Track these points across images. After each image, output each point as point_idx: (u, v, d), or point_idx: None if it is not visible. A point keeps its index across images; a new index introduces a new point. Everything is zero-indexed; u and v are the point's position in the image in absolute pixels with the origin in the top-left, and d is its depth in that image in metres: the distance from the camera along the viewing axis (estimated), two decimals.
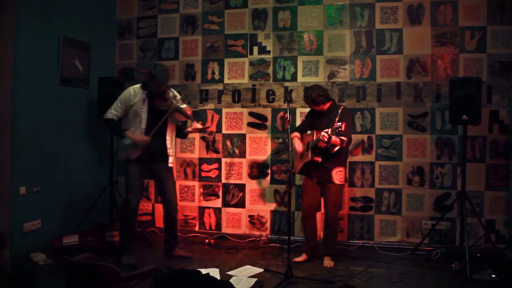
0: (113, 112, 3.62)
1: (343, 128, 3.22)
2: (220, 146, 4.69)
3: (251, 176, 4.61)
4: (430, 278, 3.37)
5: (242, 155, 4.64)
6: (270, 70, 4.59)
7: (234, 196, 4.66)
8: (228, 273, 3.45)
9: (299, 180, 4.30)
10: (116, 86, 4.38)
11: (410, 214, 4.24)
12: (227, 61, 4.70)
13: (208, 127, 4.65)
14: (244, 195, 4.63)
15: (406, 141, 4.27)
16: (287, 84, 4.54)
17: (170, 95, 3.68)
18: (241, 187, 4.64)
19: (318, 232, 3.91)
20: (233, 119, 4.67)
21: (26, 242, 3.77)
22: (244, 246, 4.27)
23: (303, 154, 3.76)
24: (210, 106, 4.72)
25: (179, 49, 4.84)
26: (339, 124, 3.22)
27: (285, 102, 4.43)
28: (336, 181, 3.64)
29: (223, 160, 4.69)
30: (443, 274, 3.44)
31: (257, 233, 4.55)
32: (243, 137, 4.64)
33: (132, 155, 3.62)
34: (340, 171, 3.65)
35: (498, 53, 4.09)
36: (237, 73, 4.67)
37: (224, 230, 4.66)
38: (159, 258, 3.80)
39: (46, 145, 4.04)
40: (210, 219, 4.72)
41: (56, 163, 4.17)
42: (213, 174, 4.72)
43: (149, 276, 2.37)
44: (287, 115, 3.55)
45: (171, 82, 4.78)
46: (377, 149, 4.32)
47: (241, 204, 4.63)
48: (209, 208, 4.72)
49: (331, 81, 4.42)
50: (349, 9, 4.39)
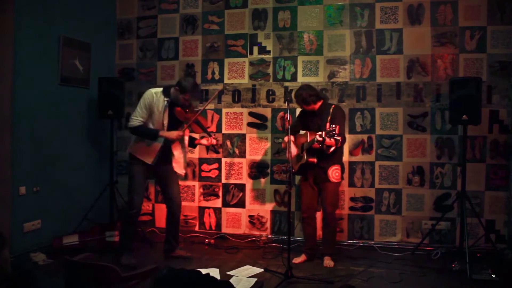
0: (139, 119, 3.50)
1: (337, 131, 3.20)
2: None
3: (251, 176, 4.61)
4: (430, 278, 3.37)
5: (242, 155, 4.64)
6: (270, 70, 4.59)
7: (234, 196, 4.66)
8: (228, 273, 3.45)
9: (298, 180, 4.30)
10: (116, 86, 4.38)
11: (410, 214, 4.24)
12: (227, 61, 4.70)
13: (221, 145, 4.61)
14: (244, 195, 4.63)
15: (406, 141, 4.27)
16: (287, 84, 4.54)
17: (192, 107, 3.59)
18: (241, 187, 4.64)
19: (318, 232, 3.90)
20: (233, 119, 4.67)
21: (26, 242, 3.77)
22: (244, 246, 4.27)
23: (298, 156, 3.77)
24: (210, 106, 4.72)
25: (179, 49, 4.84)
26: (332, 126, 3.20)
27: (285, 102, 4.44)
28: (333, 179, 3.64)
29: (223, 160, 4.69)
30: (443, 274, 3.44)
31: (257, 233, 4.55)
32: (243, 137, 4.64)
33: (146, 158, 3.58)
34: (336, 169, 3.66)
35: (498, 53, 4.09)
36: (237, 73, 4.67)
37: (224, 230, 4.66)
38: (159, 258, 3.80)
39: (46, 145, 4.04)
40: (210, 219, 4.72)
41: (56, 163, 4.17)
42: (213, 174, 4.72)
43: (149, 276, 2.37)
44: (287, 115, 3.55)
45: (171, 82, 4.80)
46: (377, 149, 4.32)
47: (241, 204, 4.63)
48: (209, 208, 4.72)
49: (331, 81, 4.42)
50: (349, 9, 4.39)
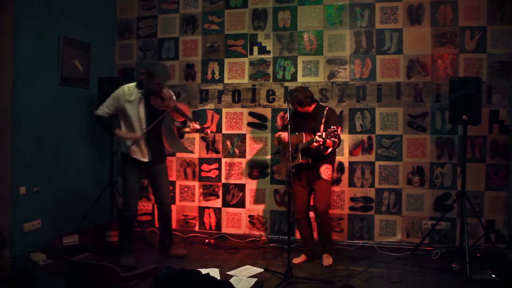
0: (104, 110, 3.61)
1: (339, 132, 3.26)
2: (220, 146, 4.69)
3: (251, 176, 4.61)
4: (430, 278, 3.37)
5: (242, 155, 4.64)
6: (270, 70, 4.58)
7: (234, 196, 4.66)
8: (228, 273, 3.45)
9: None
10: (116, 86, 4.35)
11: (410, 214, 4.24)
12: (227, 61, 4.70)
13: (208, 127, 4.65)
14: (244, 195, 4.63)
15: (406, 141, 4.27)
16: (287, 84, 4.54)
17: (167, 95, 3.64)
18: (241, 187, 4.64)
19: (314, 232, 3.89)
20: (233, 119, 4.66)
21: (26, 242, 3.77)
22: (244, 246, 4.27)
23: (293, 156, 3.71)
24: (210, 106, 4.72)
25: (179, 49, 4.84)
26: (334, 127, 3.23)
27: (285, 102, 4.44)
28: (324, 176, 3.65)
29: (223, 160, 4.69)
30: (443, 274, 3.44)
31: (257, 233, 4.55)
32: (243, 137, 4.64)
33: (140, 156, 3.61)
34: (328, 167, 3.67)
35: (498, 53, 4.08)
36: (237, 73, 4.67)
37: (224, 230, 4.66)
38: (159, 258, 3.80)
39: (46, 145, 4.04)
40: (210, 219, 4.72)
41: (56, 163, 4.17)
42: (213, 174, 4.72)
43: (149, 276, 2.37)
44: (287, 115, 3.55)
45: (171, 83, 4.79)
46: (377, 149, 4.32)
47: (241, 204, 4.63)
48: (209, 208, 4.72)
49: (331, 81, 4.42)
50: (349, 9, 4.39)
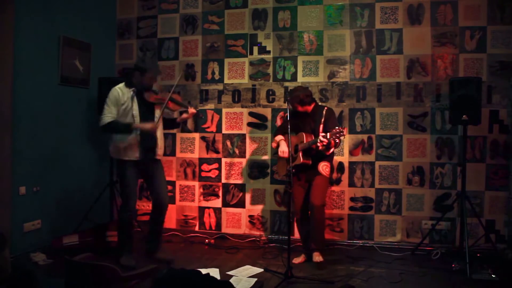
0: (109, 115, 3.47)
1: (345, 133, 3.24)
2: (220, 146, 4.69)
3: (251, 176, 4.61)
4: (430, 278, 3.37)
5: (242, 155, 4.64)
6: (270, 70, 4.58)
7: (234, 196, 4.66)
8: (228, 273, 3.45)
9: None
10: None
11: (410, 214, 4.24)
12: (227, 61, 4.70)
13: (200, 112, 4.50)
14: (244, 195, 4.63)
15: (406, 141, 4.27)
16: (287, 84, 4.54)
17: (158, 88, 3.61)
18: (241, 187, 4.64)
19: None
20: (233, 119, 4.66)
21: (26, 242, 3.77)
22: (244, 246, 4.27)
23: (292, 157, 3.69)
24: (210, 106, 4.72)
25: (179, 49, 4.83)
26: (339, 128, 3.22)
27: (285, 102, 4.44)
28: (322, 172, 3.65)
29: (223, 160, 4.69)
30: (443, 274, 3.44)
31: (257, 233, 4.55)
32: (243, 137, 4.64)
33: (131, 155, 3.51)
34: (326, 164, 3.67)
35: (498, 53, 4.08)
36: (237, 73, 4.67)
37: (224, 230, 4.66)
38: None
39: (46, 145, 4.04)
40: (210, 219, 4.72)
41: (56, 163, 4.17)
42: (213, 174, 4.72)
43: (149, 276, 2.37)
44: (287, 115, 3.55)
45: (171, 83, 4.80)
46: (377, 149, 4.32)
47: (241, 204, 4.63)
48: (209, 208, 4.72)
49: (331, 81, 4.42)
50: (349, 9, 4.39)
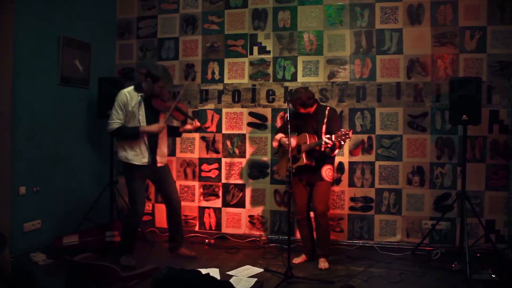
0: (116, 121, 3.47)
1: (350, 135, 3.21)
2: (220, 146, 4.69)
3: (251, 176, 4.61)
4: (430, 278, 3.37)
5: (242, 155, 4.64)
6: (270, 70, 4.59)
7: (234, 196, 4.66)
8: (228, 273, 3.45)
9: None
10: (116, 86, 4.37)
11: (410, 214, 4.24)
12: (227, 61, 4.70)
13: (207, 127, 4.66)
14: (244, 195, 4.63)
15: (406, 141, 4.27)
16: (287, 84, 4.54)
17: (167, 95, 3.63)
18: (241, 187, 4.64)
19: (315, 232, 3.85)
20: (233, 119, 4.67)
21: (26, 242, 3.77)
22: (244, 246, 4.27)
23: (294, 158, 3.67)
24: (210, 106, 4.72)
25: (179, 49, 4.84)
26: (345, 130, 3.20)
27: (285, 102, 4.44)
28: (326, 178, 3.63)
29: (223, 160, 4.69)
30: (443, 274, 3.44)
31: (257, 233, 4.55)
32: (243, 137, 4.64)
33: (140, 160, 3.55)
34: (329, 168, 3.65)
35: (498, 53, 4.09)
36: (237, 73, 4.67)
37: (224, 230, 4.66)
38: (159, 258, 3.79)
39: (46, 145, 4.04)
40: (210, 219, 4.72)
41: (56, 163, 4.17)
42: (213, 174, 4.72)
43: (149, 276, 2.37)
44: (287, 115, 3.55)
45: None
46: (377, 149, 4.32)
47: (241, 204, 4.63)
48: (209, 208, 4.72)
49: (331, 81, 4.42)
50: (349, 9, 4.39)
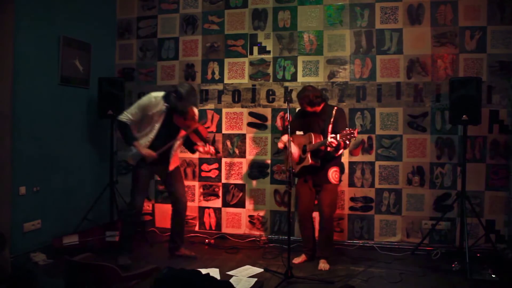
0: (129, 117, 3.47)
1: (355, 134, 3.18)
2: (220, 146, 4.68)
3: (251, 176, 4.61)
4: (430, 278, 3.37)
5: (242, 155, 4.64)
6: (270, 70, 4.58)
7: (234, 196, 4.66)
8: (228, 273, 3.45)
9: (297, 182, 4.28)
10: (116, 86, 4.38)
11: (410, 214, 4.24)
12: (227, 61, 4.70)
13: (219, 154, 4.53)
14: (244, 195, 4.63)
15: (406, 141, 4.27)
16: (287, 84, 4.54)
17: (191, 114, 3.52)
18: (241, 187, 4.64)
19: (316, 233, 3.85)
20: (233, 119, 4.66)
21: (26, 242, 3.77)
22: (244, 246, 4.27)
23: (300, 158, 3.70)
24: (210, 106, 4.72)
25: (179, 49, 4.83)
26: (350, 130, 3.18)
27: (285, 102, 4.43)
28: (332, 181, 3.62)
29: (223, 160, 4.69)
30: (443, 274, 3.44)
31: (257, 233, 4.55)
32: (243, 137, 4.64)
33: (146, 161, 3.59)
34: (335, 170, 3.64)
35: (498, 53, 4.08)
36: (237, 73, 4.67)
37: (224, 230, 4.66)
38: (159, 258, 3.79)
39: (46, 145, 4.04)
40: (210, 219, 4.72)
41: (56, 163, 4.17)
42: (213, 174, 4.72)
43: (149, 276, 2.37)
44: (287, 115, 3.55)
45: (171, 83, 4.80)
46: (377, 149, 4.32)
47: (241, 204, 4.63)
48: (209, 208, 4.72)
49: (331, 81, 4.42)
50: (349, 9, 4.39)
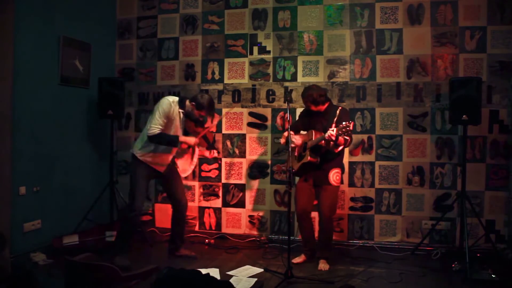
0: (158, 127, 3.50)
1: (351, 127, 3.15)
2: (220, 146, 4.69)
3: (251, 176, 4.61)
4: (430, 278, 3.37)
5: (242, 155, 4.64)
6: (270, 70, 4.59)
7: (234, 196, 4.66)
8: (228, 273, 3.45)
9: (297, 181, 4.29)
10: (116, 86, 4.38)
11: (410, 214, 4.24)
12: (227, 61, 4.70)
13: (218, 159, 4.57)
14: (244, 195, 4.63)
15: (406, 141, 4.27)
16: (287, 84, 4.54)
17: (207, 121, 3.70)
18: (241, 187, 4.64)
19: (315, 233, 3.84)
20: (233, 119, 4.67)
21: (26, 242, 3.77)
22: (244, 246, 4.27)
23: (300, 155, 3.72)
24: None
25: (179, 49, 4.84)
26: (346, 123, 3.15)
27: (285, 102, 4.43)
28: (333, 182, 3.60)
29: (223, 160, 4.69)
30: (443, 274, 3.44)
31: (257, 233, 4.55)
32: (243, 137, 4.64)
33: (159, 168, 3.65)
34: (337, 172, 3.62)
35: (498, 53, 4.08)
36: (237, 73, 4.67)
37: (224, 230, 4.66)
38: (159, 258, 3.79)
39: (46, 145, 4.04)
40: (210, 219, 4.72)
41: (56, 163, 4.17)
42: (213, 174, 4.72)
43: (149, 276, 2.38)
44: (287, 115, 3.55)
45: (171, 83, 4.81)
46: (377, 149, 4.32)
47: (241, 204, 4.63)
48: (209, 208, 4.72)
49: (331, 81, 4.42)
50: (349, 9, 4.39)
